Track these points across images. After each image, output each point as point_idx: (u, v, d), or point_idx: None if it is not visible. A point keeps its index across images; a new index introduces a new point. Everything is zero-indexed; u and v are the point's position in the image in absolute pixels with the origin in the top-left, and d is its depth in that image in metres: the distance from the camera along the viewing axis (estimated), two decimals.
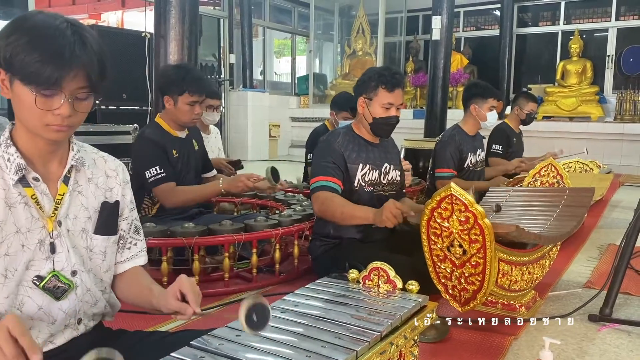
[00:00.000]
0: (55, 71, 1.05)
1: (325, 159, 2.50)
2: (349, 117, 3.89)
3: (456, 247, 1.95)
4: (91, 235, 1.24)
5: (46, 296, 1.15)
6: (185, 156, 2.87)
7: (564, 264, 3.15)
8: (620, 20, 9.94)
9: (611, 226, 4.37)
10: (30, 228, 1.14)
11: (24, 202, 1.14)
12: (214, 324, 1.28)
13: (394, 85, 2.50)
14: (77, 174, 1.24)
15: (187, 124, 2.86)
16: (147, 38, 6.02)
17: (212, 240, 2.63)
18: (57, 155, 1.20)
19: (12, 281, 1.11)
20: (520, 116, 4.82)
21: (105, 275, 1.29)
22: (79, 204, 1.23)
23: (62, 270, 1.18)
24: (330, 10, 12.33)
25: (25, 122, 1.13)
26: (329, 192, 2.45)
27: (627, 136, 8.41)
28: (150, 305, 1.27)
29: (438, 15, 6.37)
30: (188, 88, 2.71)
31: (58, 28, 1.08)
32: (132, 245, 1.36)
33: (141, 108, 6.01)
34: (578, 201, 2.58)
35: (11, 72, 1.08)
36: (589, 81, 9.68)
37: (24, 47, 1.05)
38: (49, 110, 1.08)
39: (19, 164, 1.13)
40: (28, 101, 1.08)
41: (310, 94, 11.61)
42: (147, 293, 1.29)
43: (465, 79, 9.79)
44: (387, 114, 2.52)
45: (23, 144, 1.16)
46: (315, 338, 1.11)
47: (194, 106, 2.75)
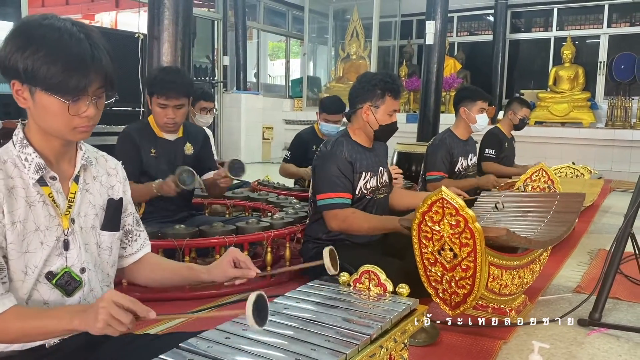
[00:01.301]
0: (82, 79, 1.10)
1: (333, 172, 2.48)
2: (328, 120, 3.99)
3: (447, 251, 1.96)
4: (99, 231, 1.29)
5: (55, 292, 1.19)
6: (171, 158, 2.80)
7: (554, 269, 3.17)
8: (612, 27, 10.04)
9: (601, 231, 4.40)
10: (48, 226, 1.18)
11: (42, 201, 1.18)
12: (203, 326, 1.28)
13: (399, 93, 2.56)
14: (85, 173, 1.28)
15: (161, 128, 2.77)
16: (140, 39, 6.00)
17: (203, 242, 2.62)
18: (68, 155, 1.24)
19: (31, 278, 1.15)
20: (513, 121, 4.85)
21: (111, 270, 1.34)
22: (87, 201, 1.27)
23: (73, 267, 1.21)
24: (324, 14, 12.35)
25: (50, 128, 1.16)
26: (345, 209, 2.46)
27: (618, 142, 8.48)
28: (194, 280, 1.41)
29: (432, 20, 6.40)
30: (155, 90, 2.66)
31: (71, 34, 1.10)
32: (137, 237, 1.43)
33: (134, 109, 5.99)
34: (569, 206, 2.60)
35: (31, 84, 1.10)
36: (581, 87, 9.75)
37: (44, 59, 1.07)
38: (77, 115, 1.13)
39: (38, 163, 1.17)
40: (55, 109, 1.11)
41: (304, 97, 11.62)
42: (187, 272, 1.41)
43: (458, 84, 9.84)
44: (391, 120, 2.56)
45: (38, 144, 1.19)
46: (305, 341, 1.10)
47: (165, 109, 2.67)
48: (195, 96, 3.95)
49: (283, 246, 2.95)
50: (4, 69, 1.11)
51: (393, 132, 2.62)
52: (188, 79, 2.84)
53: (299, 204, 3.41)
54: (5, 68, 1.11)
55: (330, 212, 2.47)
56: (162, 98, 2.65)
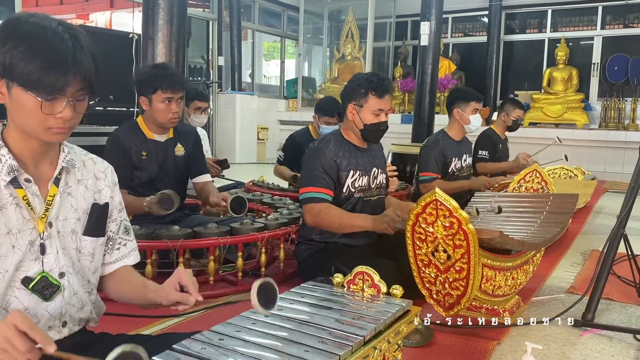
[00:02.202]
0: (60, 78, 1.07)
1: (316, 168, 2.49)
2: (330, 122, 3.92)
3: (440, 252, 1.96)
4: (80, 236, 1.25)
5: (33, 297, 1.16)
6: (160, 160, 2.79)
7: (547, 270, 3.18)
8: (605, 29, 10.08)
9: (595, 232, 4.42)
10: (21, 229, 1.14)
11: (15, 203, 1.14)
12: (197, 327, 1.28)
13: (384, 92, 2.51)
14: (67, 176, 1.25)
15: (166, 124, 2.75)
16: (134, 39, 5.99)
17: (197, 243, 2.62)
18: (49, 156, 1.21)
19: (2, 282, 1.12)
20: (507, 122, 4.86)
21: (92, 277, 1.30)
22: (68, 205, 1.23)
23: (51, 272, 1.18)
24: (319, 15, 12.37)
25: (24, 126, 1.13)
26: (321, 203, 2.45)
27: (612, 143, 8.52)
28: (147, 300, 1.30)
29: (426, 21, 6.41)
30: (160, 85, 2.65)
31: (55, 32, 1.08)
32: (121, 245, 1.38)
33: (128, 109, 5.97)
34: (562, 207, 2.61)
35: (8, 79, 1.08)
36: (575, 88, 9.80)
37: (24, 54, 1.05)
38: (51, 114, 1.10)
39: (11, 165, 1.14)
40: (29, 106, 1.09)
41: (299, 98, 11.63)
42: (141, 289, 1.32)
43: (452, 85, 9.86)
44: (377, 119, 2.53)
45: (15, 145, 1.16)
46: (299, 342, 1.11)
47: (169, 103, 2.67)
48: (190, 96, 3.95)
49: (277, 247, 2.95)
50: None
51: (381, 133, 2.58)
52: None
53: (293, 204, 3.41)
54: None
55: (307, 205, 2.48)
56: (168, 92, 2.66)
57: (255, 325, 1.19)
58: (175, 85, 2.67)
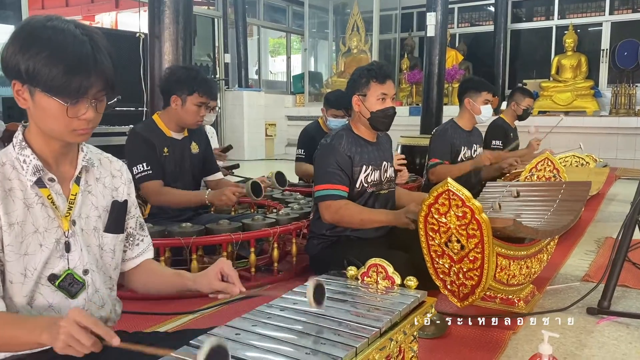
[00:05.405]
0: (83, 81, 1.09)
1: (331, 164, 2.48)
2: (337, 115, 3.91)
3: (454, 243, 1.95)
4: (102, 233, 1.29)
5: (59, 294, 1.19)
6: (178, 158, 2.84)
7: (561, 258, 3.16)
8: (614, 14, 9.95)
9: (608, 220, 4.38)
10: (47, 228, 1.18)
11: (41, 203, 1.18)
12: (213, 323, 1.28)
13: (385, 77, 2.51)
14: (87, 174, 1.28)
15: (191, 126, 2.84)
16: (141, 39, 6.01)
17: (210, 240, 2.63)
18: (69, 156, 1.24)
19: (31, 280, 1.15)
20: (517, 111, 4.83)
21: (113, 273, 1.34)
22: (89, 203, 1.27)
23: (75, 269, 1.21)
24: (324, 8, 12.32)
25: (49, 130, 1.15)
26: (339, 200, 2.45)
27: (623, 130, 8.43)
28: (183, 288, 1.35)
29: (432, 11, 6.36)
30: (199, 89, 2.73)
31: (75, 36, 1.10)
32: (139, 241, 1.42)
33: (136, 109, 6.00)
34: (575, 195, 2.59)
35: (31, 85, 1.10)
36: (584, 75, 9.69)
37: (47, 60, 1.07)
38: (75, 117, 1.12)
39: (35, 165, 1.17)
40: (54, 111, 1.11)
41: (305, 93, 11.61)
42: (175, 278, 1.37)
43: (460, 75, 9.80)
44: (383, 105, 2.51)
45: (37, 145, 1.19)
46: (315, 335, 1.11)
47: (201, 108, 2.76)
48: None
49: (289, 242, 2.96)
50: (6, 69, 1.11)
51: (391, 118, 2.56)
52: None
53: (304, 199, 3.41)
54: (7, 68, 1.11)
55: (324, 202, 2.47)
56: (204, 97, 2.75)
57: (271, 319, 1.19)
58: (212, 94, 2.83)
